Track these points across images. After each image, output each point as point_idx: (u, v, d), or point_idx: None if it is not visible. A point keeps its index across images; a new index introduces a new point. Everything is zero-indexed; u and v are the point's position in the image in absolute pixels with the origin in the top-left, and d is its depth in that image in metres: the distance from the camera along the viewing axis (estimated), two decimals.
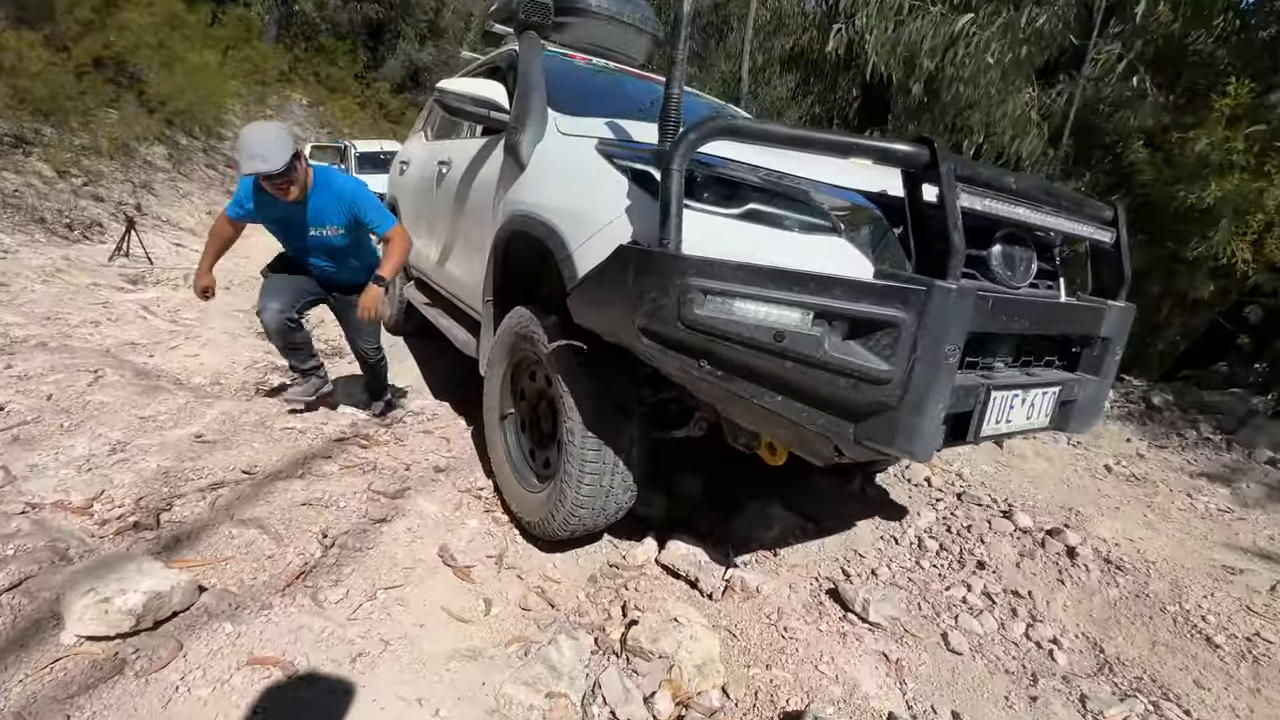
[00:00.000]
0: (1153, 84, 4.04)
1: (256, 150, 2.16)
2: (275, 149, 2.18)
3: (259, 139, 2.21)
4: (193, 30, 12.01)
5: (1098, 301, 1.71)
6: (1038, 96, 3.62)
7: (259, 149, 2.17)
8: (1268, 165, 3.28)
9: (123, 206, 8.01)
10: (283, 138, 2.24)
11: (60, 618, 1.33)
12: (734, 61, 11.14)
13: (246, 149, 2.17)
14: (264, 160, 2.16)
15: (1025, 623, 1.94)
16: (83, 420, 2.24)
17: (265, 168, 2.16)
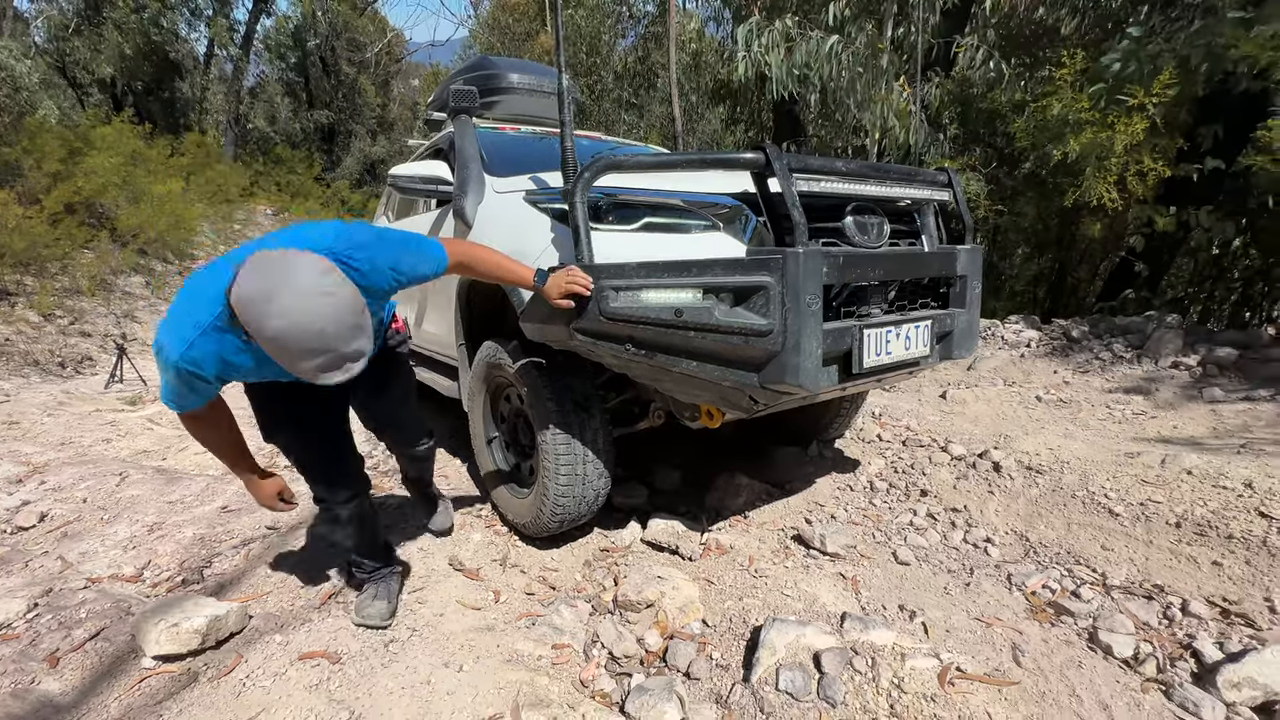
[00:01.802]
0: (1007, 64, 4.62)
1: (330, 344, 1.12)
2: (349, 323, 1.14)
3: (320, 320, 1.11)
4: (154, 163, 12.64)
5: (948, 248, 2.09)
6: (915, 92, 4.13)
7: (332, 339, 1.12)
8: (1110, 116, 3.78)
9: (110, 337, 8.33)
10: (346, 300, 1.15)
11: (138, 650, 1.59)
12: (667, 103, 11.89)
13: (310, 344, 1.11)
14: (348, 357, 1.16)
15: (963, 531, 2.23)
16: (119, 512, 2.51)
17: (358, 366, 1.18)
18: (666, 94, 11.87)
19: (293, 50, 21.05)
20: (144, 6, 15.51)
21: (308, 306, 1.09)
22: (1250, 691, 1.38)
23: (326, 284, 1.13)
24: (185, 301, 1.27)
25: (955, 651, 1.60)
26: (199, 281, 1.29)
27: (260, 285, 1.09)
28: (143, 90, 17.00)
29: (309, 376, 1.15)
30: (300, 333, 1.09)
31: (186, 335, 1.24)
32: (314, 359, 1.12)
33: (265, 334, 1.10)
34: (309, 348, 1.11)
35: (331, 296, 1.12)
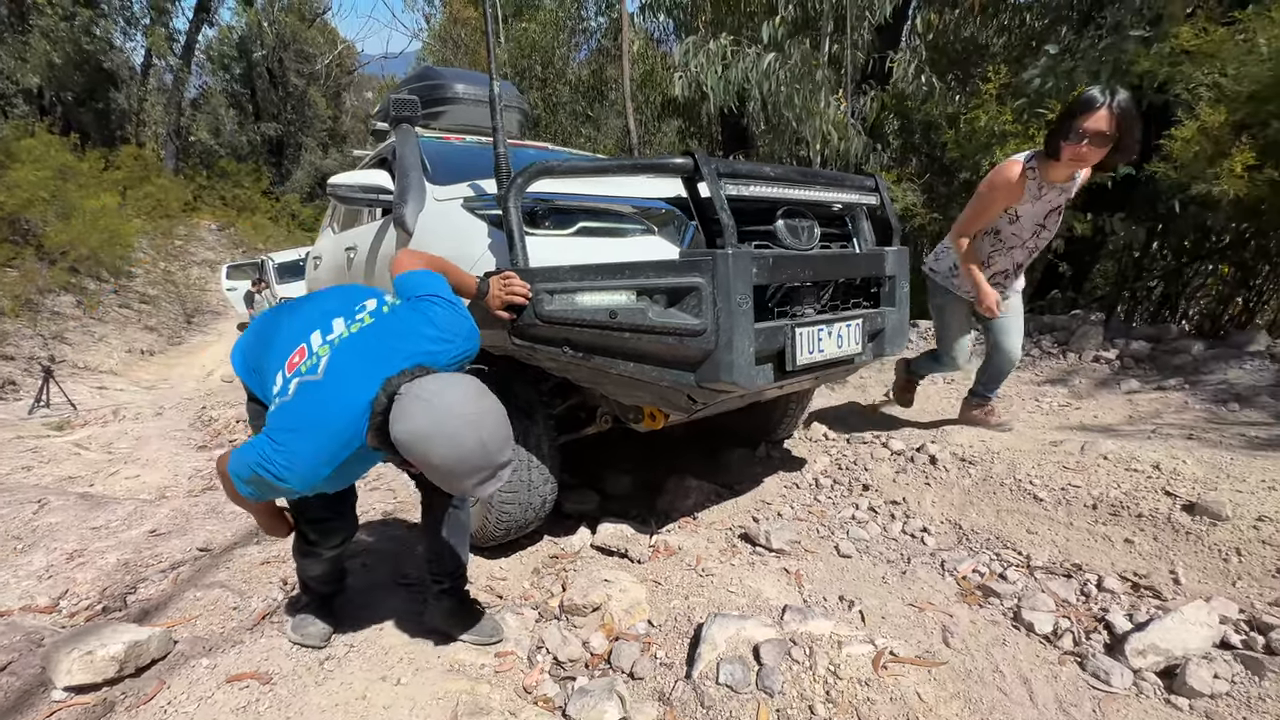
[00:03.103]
0: (939, 80, 4.89)
1: (491, 459, 1.12)
2: (502, 435, 1.16)
3: (482, 441, 1.11)
4: (86, 177, 12.05)
5: (877, 249, 2.18)
6: (850, 105, 4.32)
7: (494, 454, 1.12)
8: (1031, 129, 4.04)
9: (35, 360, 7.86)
10: (497, 412, 1.17)
11: (48, 683, 1.50)
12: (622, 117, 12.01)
13: (476, 463, 1.11)
14: (501, 466, 1.15)
15: (901, 522, 2.31)
16: (35, 541, 2.36)
17: (507, 473, 1.17)
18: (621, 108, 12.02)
19: (237, 61, 20.46)
20: (74, 14, 14.84)
21: (471, 434, 1.10)
22: (1154, 657, 1.47)
23: (485, 405, 1.14)
24: (309, 428, 1.19)
25: (889, 637, 1.65)
26: (317, 398, 1.21)
27: (426, 421, 1.09)
28: (74, 101, 16.22)
29: (467, 493, 1.16)
30: (467, 455, 1.10)
31: (320, 471, 1.20)
32: (476, 476, 1.12)
33: (432, 463, 1.10)
34: (475, 466, 1.11)
35: (490, 414, 1.14)
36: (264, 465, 1.17)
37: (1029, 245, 2.54)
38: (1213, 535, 1.84)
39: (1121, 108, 2.08)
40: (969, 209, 2.52)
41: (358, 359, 1.23)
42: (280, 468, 1.17)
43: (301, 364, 1.27)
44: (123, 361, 9.16)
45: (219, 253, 15.44)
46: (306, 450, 1.18)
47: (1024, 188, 2.35)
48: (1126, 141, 2.14)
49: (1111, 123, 2.10)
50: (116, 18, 16.99)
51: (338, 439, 1.19)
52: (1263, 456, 2.16)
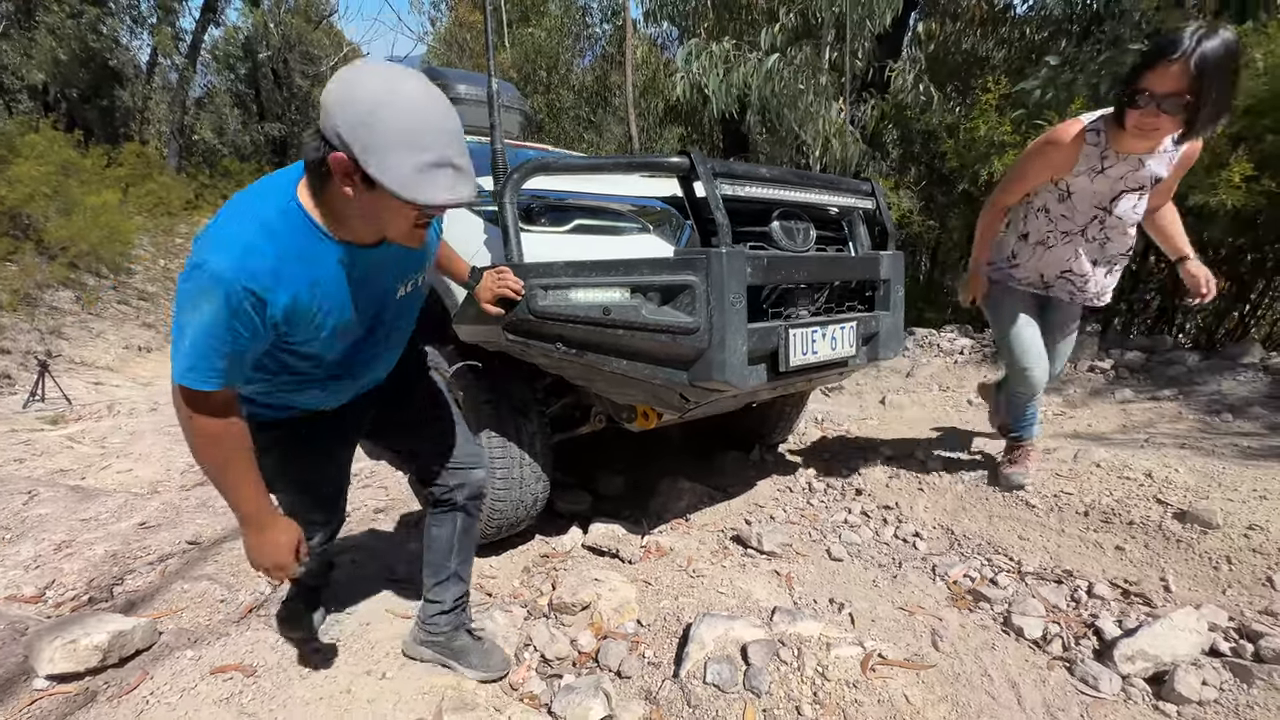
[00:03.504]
0: (938, 90, 4.93)
1: (444, 138, 0.91)
2: (456, 129, 0.94)
3: (432, 106, 0.92)
4: (89, 173, 12.05)
5: (872, 253, 2.19)
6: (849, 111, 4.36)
7: (447, 134, 0.92)
8: (1029, 140, 4.06)
9: (32, 354, 7.84)
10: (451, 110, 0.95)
11: (30, 671, 1.49)
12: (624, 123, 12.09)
13: (422, 126, 0.90)
14: (457, 167, 0.93)
15: (894, 526, 2.30)
16: (24, 532, 2.35)
17: (464, 191, 0.95)
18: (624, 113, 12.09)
19: (243, 61, 20.54)
20: (81, 12, 14.91)
21: (429, 100, 0.90)
22: (1143, 663, 1.47)
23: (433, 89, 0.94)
24: (235, 206, 1.02)
25: (879, 639, 1.64)
26: (247, 193, 1.05)
27: (378, 83, 0.88)
28: (78, 98, 16.27)
29: (410, 179, 0.88)
30: (428, 117, 0.89)
31: (246, 236, 0.96)
32: (434, 152, 0.89)
33: (383, 128, 0.87)
34: (436, 134, 0.90)
35: (440, 98, 0.93)
36: (194, 274, 0.94)
37: (1092, 237, 1.99)
38: (1204, 543, 1.84)
39: (1205, 57, 1.53)
40: (1009, 170, 2.11)
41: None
42: (205, 254, 0.94)
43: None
44: (120, 358, 9.14)
45: None
46: (227, 219, 1.00)
47: (1077, 154, 1.85)
48: (1206, 101, 1.58)
49: (1187, 79, 1.56)
50: (124, 16, 17.08)
51: (268, 196, 1.02)
52: (1254, 466, 2.17)
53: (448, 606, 1.54)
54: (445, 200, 0.93)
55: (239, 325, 0.97)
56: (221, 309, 0.94)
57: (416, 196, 0.90)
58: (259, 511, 1.12)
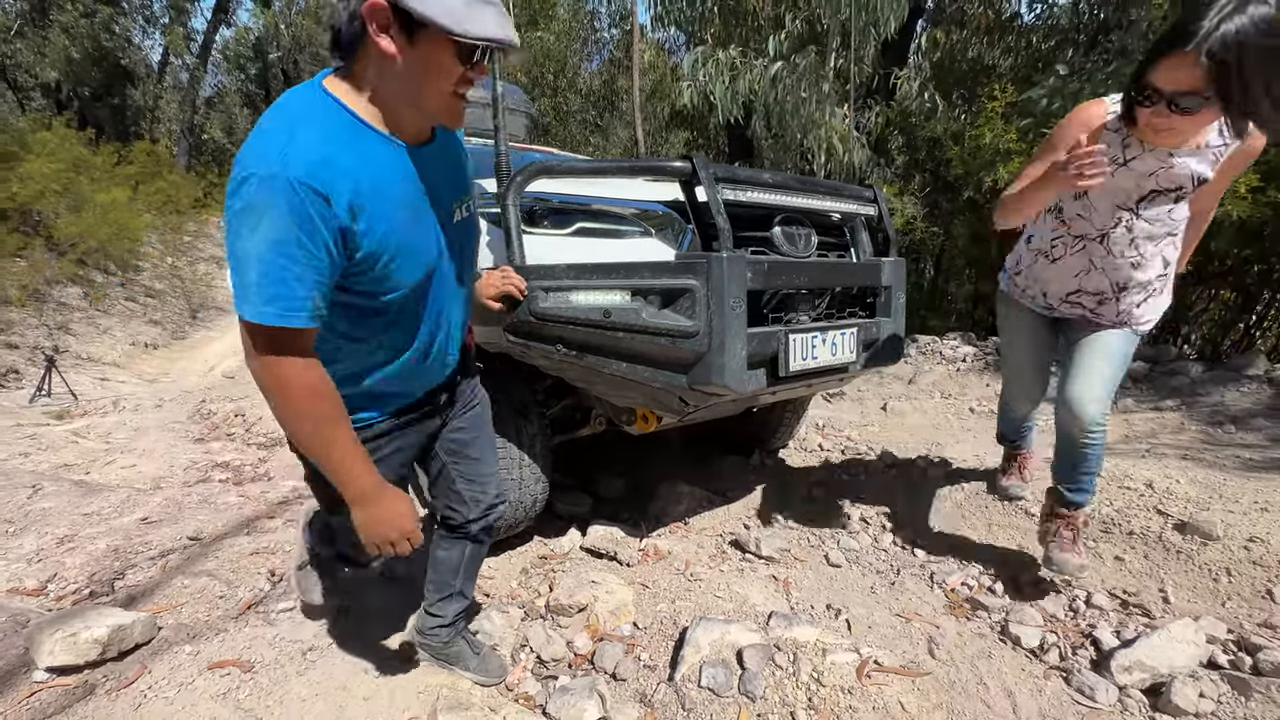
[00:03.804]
0: (943, 98, 4.94)
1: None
2: None
3: None
4: (99, 171, 12.16)
5: (873, 259, 2.19)
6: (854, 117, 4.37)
7: None
8: (1035, 148, 4.06)
9: (39, 349, 7.90)
10: None
11: (31, 663, 1.50)
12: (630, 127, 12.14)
13: None
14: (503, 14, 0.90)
15: (892, 533, 2.30)
16: (27, 525, 2.37)
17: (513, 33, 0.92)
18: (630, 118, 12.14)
19: (253, 62, 20.72)
20: (94, 11, 15.08)
21: None
22: (1140, 674, 1.46)
23: None
24: (266, 119, 0.89)
25: (875, 646, 1.64)
26: (274, 109, 0.91)
27: None
28: (90, 96, 16.44)
29: (459, 9, 0.83)
30: None
31: (288, 133, 0.85)
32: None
33: None
34: None
35: None
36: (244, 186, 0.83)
37: (1114, 249, 1.55)
38: (1203, 555, 1.83)
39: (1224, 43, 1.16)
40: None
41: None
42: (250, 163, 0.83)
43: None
44: (126, 354, 9.20)
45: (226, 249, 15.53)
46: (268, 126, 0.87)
47: (1097, 138, 1.48)
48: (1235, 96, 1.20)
49: (1203, 73, 1.20)
50: (136, 16, 17.27)
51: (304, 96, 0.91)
52: (1256, 478, 2.16)
53: (448, 620, 1.49)
54: (496, 34, 0.86)
55: (309, 236, 0.83)
56: (286, 218, 0.81)
57: (469, 28, 0.83)
58: (374, 482, 0.99)
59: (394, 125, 0.95)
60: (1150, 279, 1.59)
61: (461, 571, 1.47)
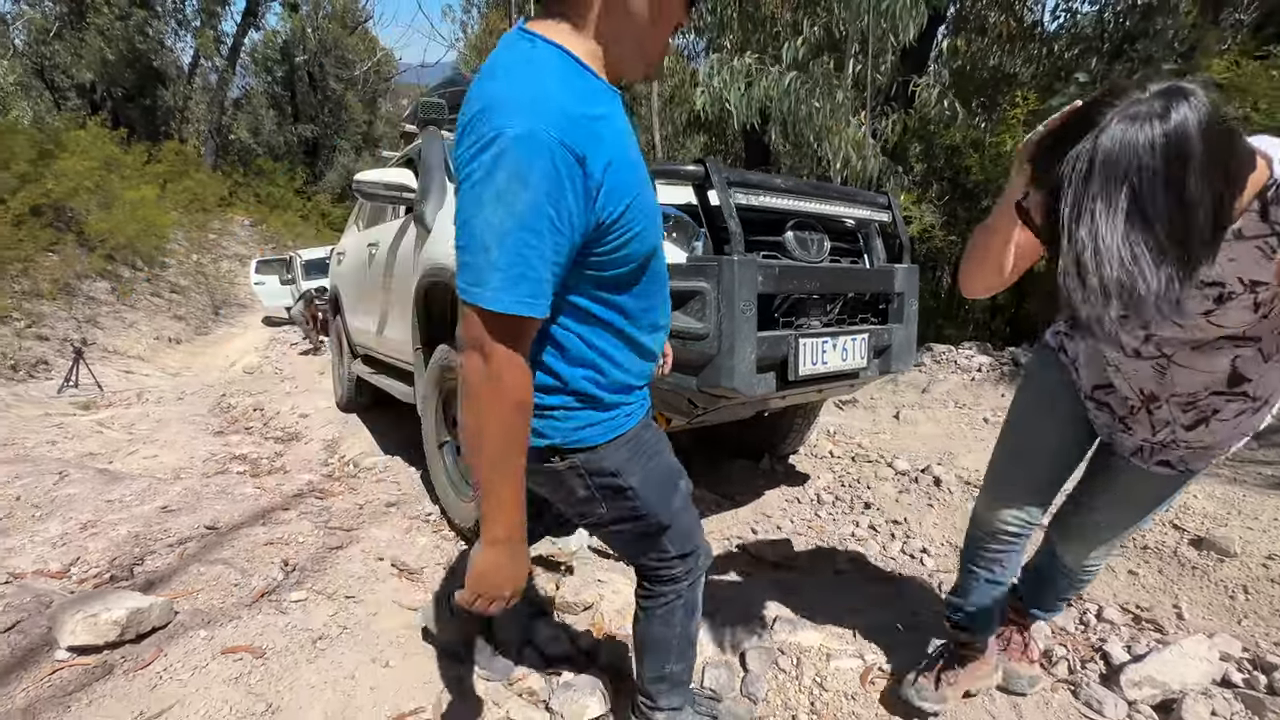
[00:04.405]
0: (962, 105, 4.91)
1: None
2: None
3: None
4: (129, 169, 12.50)
5: (886, 265, 2.19)
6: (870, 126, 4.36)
7: None
8: None
9: (68, 341, 8.11)
10: None
11: (53, 642, 1.55)
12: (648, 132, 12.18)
13: None
14: None
15: (901, 541, 2.28)
16: (53, 510, 2.44)
17: None
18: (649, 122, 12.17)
19: (280, 64, 21.16)
20: (129, 14, 15.52)
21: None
22: (1150, 690, 1.44)
23: None
24: (499, 73, 0.77)
25: (879, 653, 1.63)
26: (500, 63, 0.78)
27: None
28: (123, 97, 16.90)
29: None
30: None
31: (539, 85, 0.74)
32: None
33: None
34: None
35: None
36: (499, 138, 0.70)
37: (1130, 351, 1.10)
38: (1220, 571, 1.80)
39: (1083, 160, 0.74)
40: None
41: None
42: (503, 119, 0.70)
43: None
44: (150, 348, 9.42)
45: (250, 248, 15.83)
46: (515, 78, 0.75)
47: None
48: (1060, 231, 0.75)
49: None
50: (169, 19, 17.74)
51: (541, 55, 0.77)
52: (1276, 495, 2.11)
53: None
54: None
55: (559, 207, 0.71)
56: (540, 184, 0.70)
57: None
58: (521, 524, 0.83)
59: (613, 75, 0.83)
60: (1196, 393, 1.09)
61: (675, 652, 1.21)
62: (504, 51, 0.79)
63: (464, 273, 0.73)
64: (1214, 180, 0.71)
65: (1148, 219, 0.70)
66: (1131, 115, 0.70)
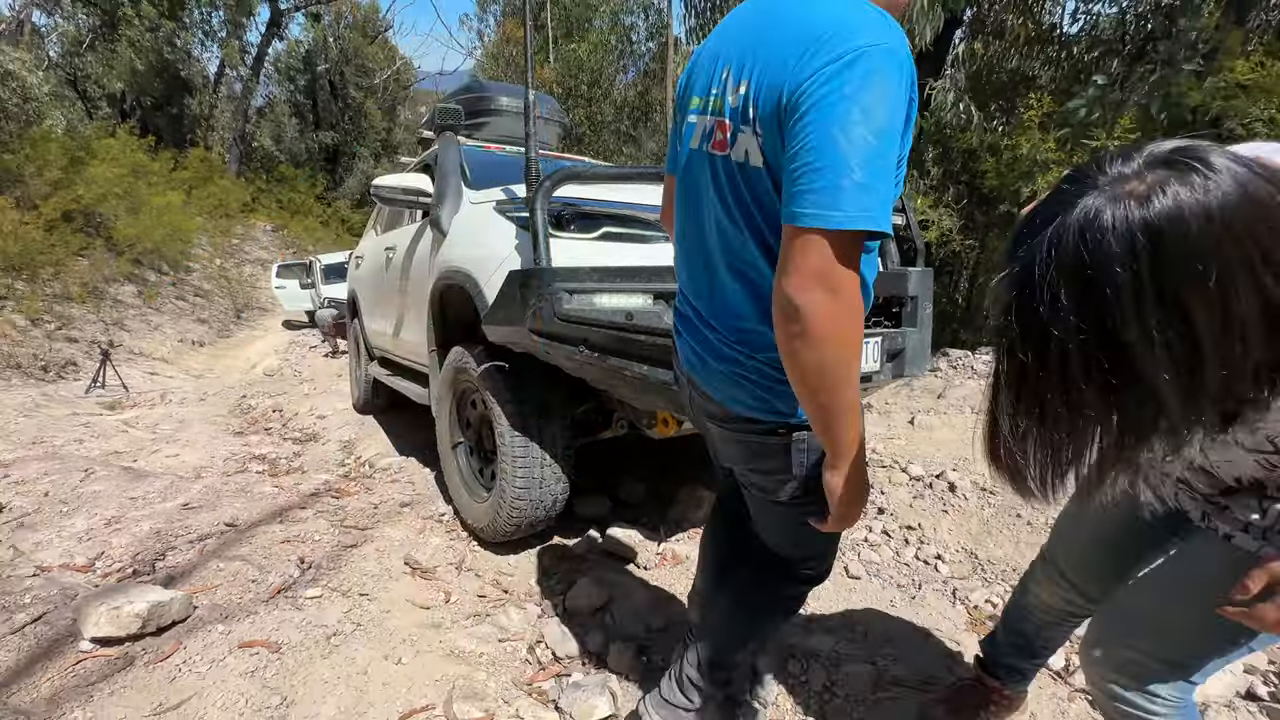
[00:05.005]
0: (979, 109, 4.86)
1: None
2: None
3: None
4: (156, 175, 12.82)
5: (900, 269, 2.17)
6: None
7: None
8: (1075, 158, 3.98)
9: (96, 343, 8.32)
10: None
11: (77, 634, 1.59)
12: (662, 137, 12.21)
13: None
14: None
15: (915, 547, 2.26)
16: (79, 506, 2.50)
17: None
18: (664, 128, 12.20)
19: (302, 73, 21.59)
20: (159, 26, 15.96)
21: None
22: None
23: None
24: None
25: (891, 659, 1.62)
26: None
27: None
28: (151, 106, 17.37)
29: None
30: None
31: (878, 11, 0.76)
32: None
33: None
34: None
35: None
36: (871, 52, 0.70)
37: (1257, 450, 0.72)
38: None
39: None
40: None
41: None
42: (868, 36, 0.72)
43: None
44: (175, 350, 9.63)
45: (271, 252, 16.13)
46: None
47: None
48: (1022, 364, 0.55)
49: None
50: (196, 30, 18.21)
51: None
52: None
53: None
54: None
55: (904, 127, 0.74)
56: (899, 103, 0.72)
57: None
58: (861, 440, 0.82)
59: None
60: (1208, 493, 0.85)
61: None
62: None
63: (812, 197, 0.70)
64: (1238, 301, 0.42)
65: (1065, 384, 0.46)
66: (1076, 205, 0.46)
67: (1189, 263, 0.42)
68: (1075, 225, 0.45)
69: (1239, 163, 0.44)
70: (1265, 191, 0.42)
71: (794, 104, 0.73)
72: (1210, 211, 0.41)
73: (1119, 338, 0.44)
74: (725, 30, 0.92)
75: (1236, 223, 0.41)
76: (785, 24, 0.77)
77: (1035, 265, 0.47)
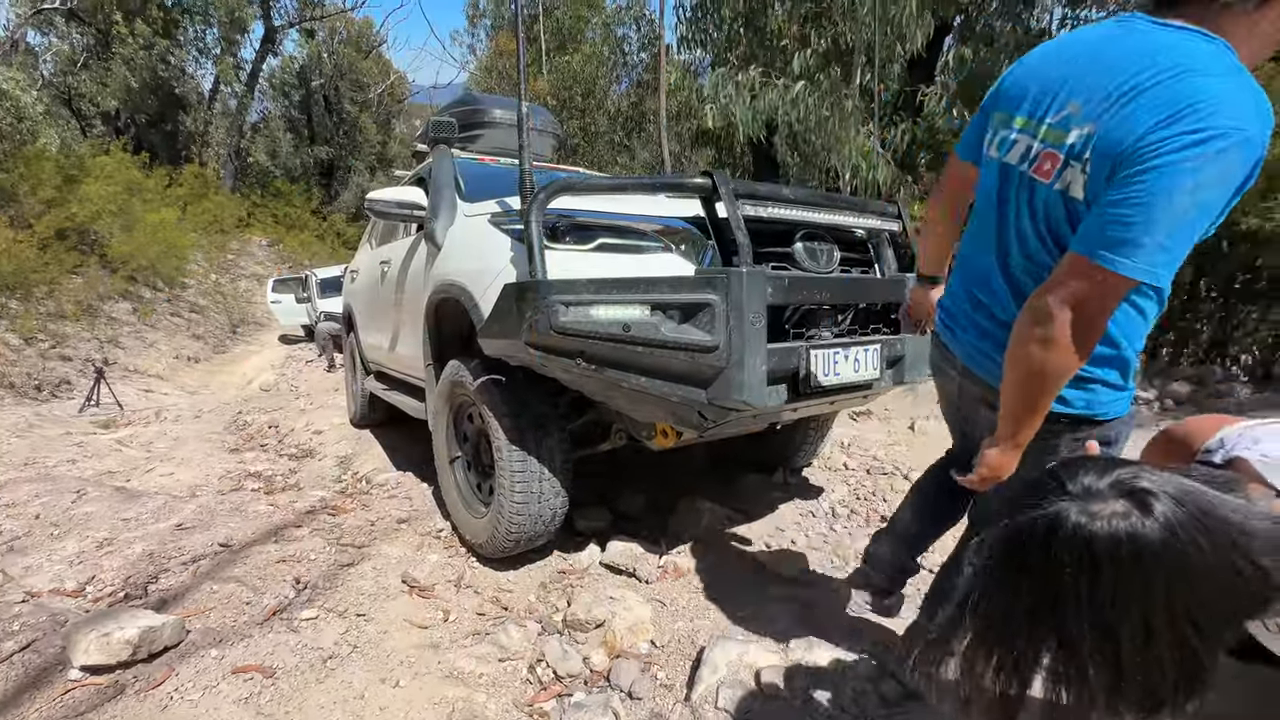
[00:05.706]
0: (970, 114, 4.86)
1: None
2: None
3: None
4: (151, 192, 12.81)
5: (898, 275, 2.16)
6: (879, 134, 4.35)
7: None
8: None
9: (90, 361, 8.26)
10: None
11: (66, 662, 1.55)
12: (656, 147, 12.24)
13: None
14: None
15: None
16: (70, 529, 2.47)
17: None
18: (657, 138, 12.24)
19: (297, 89, 21.67)
20: (153, 43, 16.02)
21: None
22: None
23: None
24: (1222, 64, 0.83)
25: (896, 670, 1.58)
26: (1189, 55, 0.84)
27: None
28: (145, 123, 17.39)
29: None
30: None
31: (1251, 92, 0.81)
32: None
33: None
34: None
35: None
36: (1231, 135, 0.78)
37: None
38: None
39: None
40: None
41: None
42: (1243, 123, 0.78)
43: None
44: (170, 366, 9.57)
45: (267, 267, 16.11)
46: (1233, 82, 0.82)
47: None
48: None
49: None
50: (190, 48, 18.28)
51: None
52: None
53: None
54: None
55: (1229, 199, 0.82)
56: (1233, 185, 0.79)
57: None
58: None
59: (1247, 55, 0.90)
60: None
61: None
62: (1213, 49, 0.83)
63: (1118, 240, 0.81)
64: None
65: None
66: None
67: (1121, 586, 0.49)
68: (1044, 522, 0.53)
69: (1185, 506, 0.50)
70: (1188, 544, 0.49)
71: (1137, 157, 0.80)
72: (1137, 550, 0.49)
73: (1063, 623, 0.51)
74: (1071, 58, 0.96)
75: (1156, 565, 0.49)
76: (1149, 80, 0.82)
77: (1005, 546, 0.54)
